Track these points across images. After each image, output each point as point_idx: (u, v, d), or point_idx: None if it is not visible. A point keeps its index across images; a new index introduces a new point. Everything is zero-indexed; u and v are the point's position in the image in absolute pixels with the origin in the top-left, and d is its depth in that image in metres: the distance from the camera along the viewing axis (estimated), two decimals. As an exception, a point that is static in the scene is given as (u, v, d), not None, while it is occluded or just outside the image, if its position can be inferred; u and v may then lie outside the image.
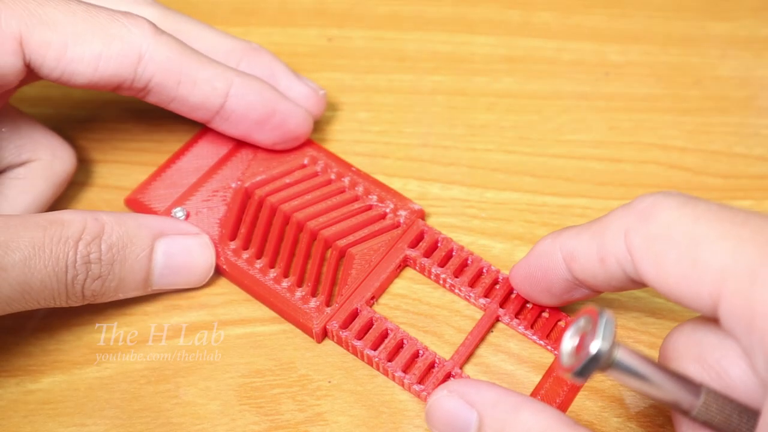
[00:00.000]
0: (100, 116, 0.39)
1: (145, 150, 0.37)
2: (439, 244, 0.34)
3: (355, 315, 0.32)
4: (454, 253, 0.34)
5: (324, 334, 0.32)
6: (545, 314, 0.33)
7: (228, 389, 0.31)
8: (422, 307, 0.33)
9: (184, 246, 0.32)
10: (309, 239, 0.34)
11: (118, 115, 0.39)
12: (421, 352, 0.31)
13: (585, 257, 0.27)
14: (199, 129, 0.37)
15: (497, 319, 0.33)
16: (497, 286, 0.33)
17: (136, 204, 0.35)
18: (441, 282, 0.33)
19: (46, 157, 0.33)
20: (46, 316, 0.33)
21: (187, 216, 0.34)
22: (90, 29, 0.30)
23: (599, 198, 0.36)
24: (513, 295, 0.33)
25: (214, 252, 0.33)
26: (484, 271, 0.33)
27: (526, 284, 0.31)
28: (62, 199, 0.35)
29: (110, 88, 0.32)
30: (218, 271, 0.34)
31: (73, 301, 0.30)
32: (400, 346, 0.32)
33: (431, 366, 0.31)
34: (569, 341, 0.24)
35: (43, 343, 0.32)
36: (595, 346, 0.23)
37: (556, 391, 0.31)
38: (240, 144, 0.36)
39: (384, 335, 0.32)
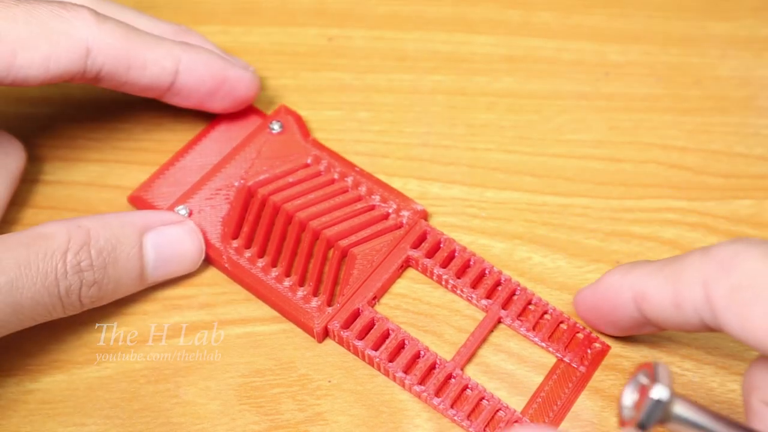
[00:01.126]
0: (100, 116, 0.39)
1: (146, 150, 0.37)
2: (441, 245, 0.34)
3: (356, 315, 0.32)
4: (456, 254, 0.34)
5: (325, 334, 0.32)
6: (547, 316, 0.32)
7: (228, 389, 0.31)
8: (423, 307, 0.33)
9: (171, 236, 0.32)
10: (311, 239, 0.34)
11: (118, 115, 0.39)
12: (422, 352, 0.31)
13: (658, 300, 0.27)
14: (201, 128, 0.37)
15: (499, 321, 0.33)
16: (499, 288, 0.33)
17: (139, 201, 0.35)
18: (443, 283, 0.33)
19: None
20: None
21: (190, 214, 0.34)
22: (34, 32, 0.30)
23: (599, 198, 0.36)
24: (515, 297, 0.33)
25: (201, 235, 0.33)
26: (487, 272, 0.33)
27: (591, 315, 0.31)
28: (63, 199, 0.35)
29: (63, 81, 0.32)
30: (220, 270, 0.34)
31: (71, 310, 0.30)
32: (401, 346, 0.32)
33: (432, 367, 0.31)
34: (629, 396, 0.25)
35: (42, 343, 0.32)
36: (656, 393, 0.24)
37: (558, 393, 0.31)
38: (243, 143, 0.36)
39: (385, 336, 0.32)
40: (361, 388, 0.31)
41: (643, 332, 0.31)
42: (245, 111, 0.37)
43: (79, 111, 0.39)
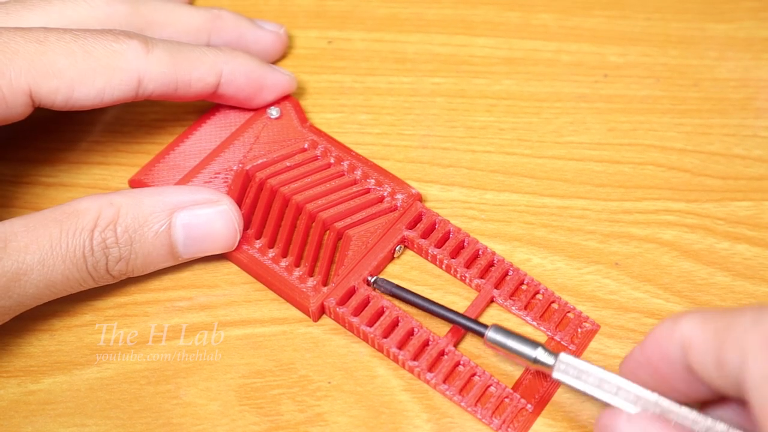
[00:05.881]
0: (101, 119, 0.39)
1: (148, 152, 0.38)
2: (436, 226, 0.35)
3: (352, 293, 0.33)
4: (451, 235, 0.34)
5: (320, 312, 0.33)
6: (539, 296, 0.33)
7: (228, 390, 0.31)
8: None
9: (201, 216, 0.33)
10: (307, 221, 0.35)
11: (120, 118, 0.39)
12: (415, 329, 0.32)
13: (702, 352, 0.25)
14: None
15: (492, 300, 0.33)
16: (492, 268, 0.34)
17: (140, 185, 0.36)
18: (437, 263, 0.34)
19: None
20: (47, 317, 0.33)
21: None
22: (91, 67, 0.32)
23: (598, 199, 0.36)
24: (508, 277, 0.33)
25: (236, 215, 0.33)
26: (480, 252, 0.34)
27: (642, 373, 0.28)
28: (66, 201, 0.35)
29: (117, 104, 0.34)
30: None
31: (103, 282, 0.32)
32: (395, 323, 0.32)
33: (425, 344, 0.32)
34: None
35: (43, 344, 0.33)
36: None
37: (536, 387, 0.31)
38: (242, 128, 0.37)
39: (380, 313, 0.32)
40: (361, 389, 0.32)
41: (701, 397, 0.27)
42: None
43: (81, 113, 0.39)
